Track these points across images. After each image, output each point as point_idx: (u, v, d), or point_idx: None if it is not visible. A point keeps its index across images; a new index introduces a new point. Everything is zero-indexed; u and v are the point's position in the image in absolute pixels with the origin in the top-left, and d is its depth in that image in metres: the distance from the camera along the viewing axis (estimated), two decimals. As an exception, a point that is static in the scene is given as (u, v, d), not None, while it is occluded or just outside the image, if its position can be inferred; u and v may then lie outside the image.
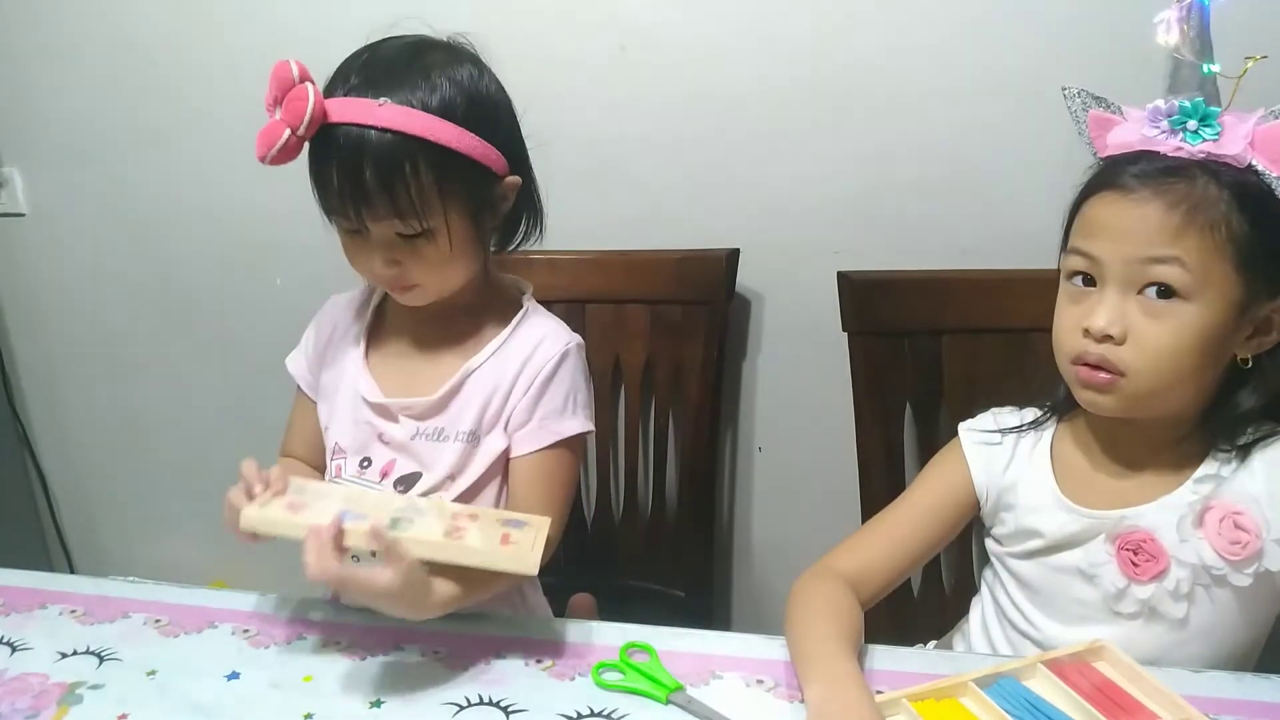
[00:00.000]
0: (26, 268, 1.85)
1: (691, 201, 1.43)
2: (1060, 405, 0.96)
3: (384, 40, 0.96)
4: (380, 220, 0.91)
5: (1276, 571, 0.83)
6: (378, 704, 0.86)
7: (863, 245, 1.37)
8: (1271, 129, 0.79)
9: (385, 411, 1.02)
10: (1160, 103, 0.81)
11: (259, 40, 1.56)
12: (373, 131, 0.88)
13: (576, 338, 1.05)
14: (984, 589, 1.03)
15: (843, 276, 1.30)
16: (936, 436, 1.31)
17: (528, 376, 1.00)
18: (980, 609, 1.02)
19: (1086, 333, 0.84)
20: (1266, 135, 0.79)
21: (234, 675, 0.91)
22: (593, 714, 0.84)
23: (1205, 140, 0.80)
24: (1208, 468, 0.87)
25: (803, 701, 0.82)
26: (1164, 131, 0.81)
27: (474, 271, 1.01)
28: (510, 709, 0.85)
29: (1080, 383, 0.86)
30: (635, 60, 1.40)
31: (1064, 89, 0.88)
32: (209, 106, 1.62)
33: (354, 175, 0.88)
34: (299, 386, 1.13)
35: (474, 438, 1.01)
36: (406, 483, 1.02)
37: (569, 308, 1.43)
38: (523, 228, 1.07)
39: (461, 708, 0.85)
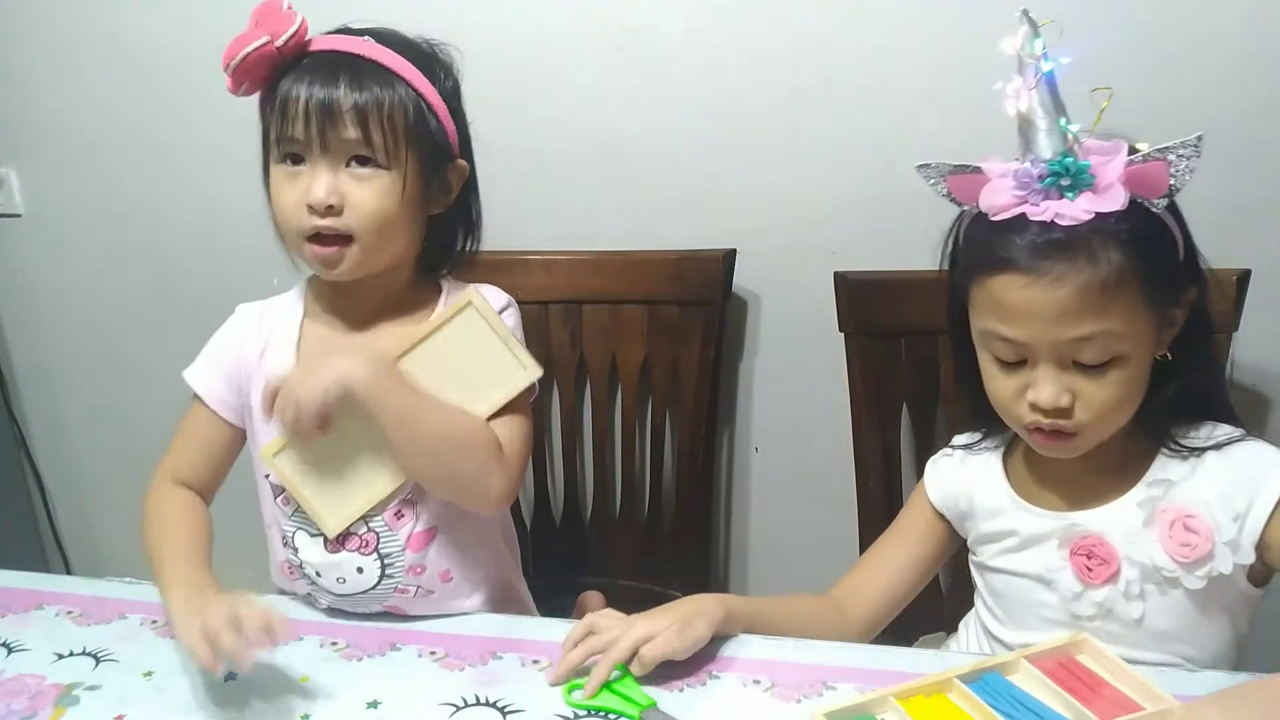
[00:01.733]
0: (22, 268, 1.85)
1: (688, 202, 1.43)
2: None
3: None
4: (342, 137, 0.89)
5: (1230, 575, 0.84)
6: (374, 705, 0.87)
7: (860, 245, 1.37)
8: (1140, 170, 0.79)
9: None
10: (1027, 165, 0.81)
11: (256, 41, 1.55)
12: (353, 54, 0.91)
13: (509, 298, 1.01)
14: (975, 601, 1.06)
15: (840, 277, 1.30)
16: (933, 437, 1.31)
17: None
18: (973, 620, 1.05)
19: (1034, 406, 0.84)
20: (1137, 176, 0.79)
21: (231, 676, 0.91)
22: (590, 714, 0.84)
23: (1082, 191, 0.80)
24: (1158, 471, 0.88)
25: (799, 701, 0.84)
26: (1037, 193, 0.81)
27: (404, 252, 0.97)
28: (507, 709, 0.85)
29: (1037, 444, 0.88)
30: (633, 61, 1.40)
31: (918, 166, 0.89)
32: (205, 107, 1.61)
33: (328, 87, 0.89)
34: (208, 406, 1.05)
35: None
36: None
37: (566, 308, 1.43)
38: (459, 243, 1.04)
39: (458, 708, 0.85)
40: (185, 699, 0.88)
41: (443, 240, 1.03)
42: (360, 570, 0.98)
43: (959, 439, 1.04)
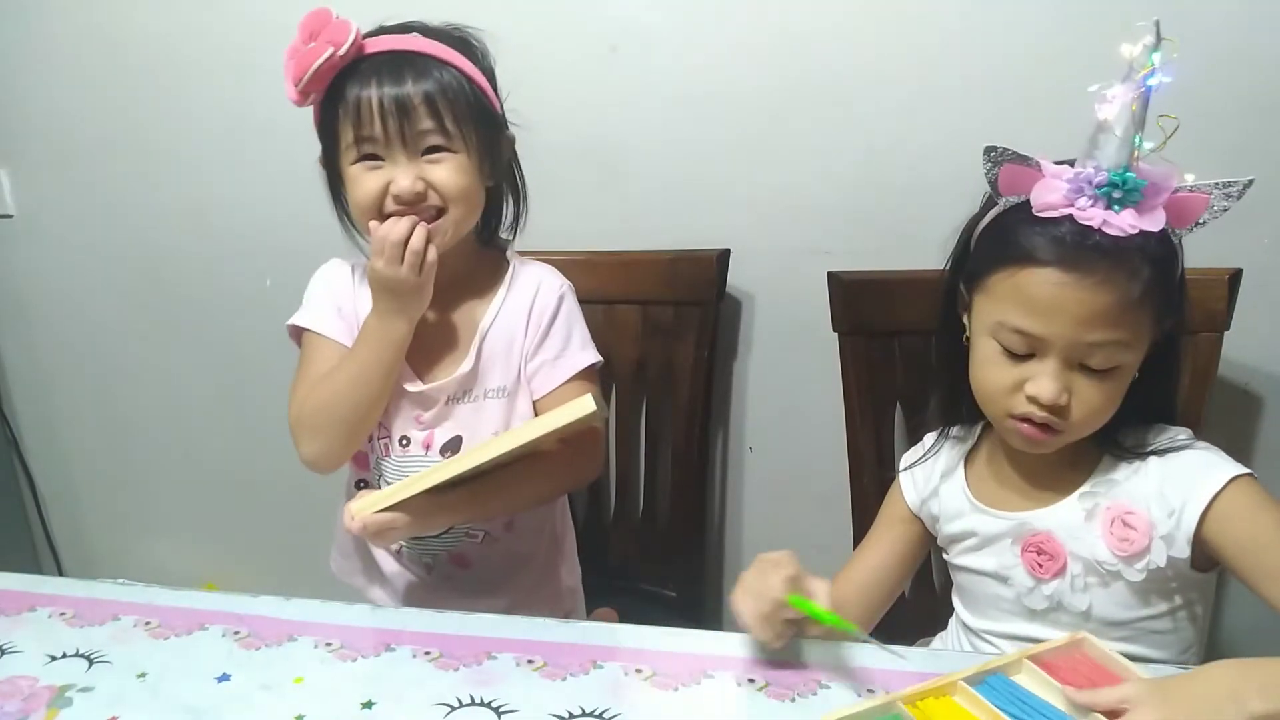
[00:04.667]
0: (14, 269, 1.84)
1: (682, 202, 1.44)
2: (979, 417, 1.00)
3: None
4: (418, 129, 0.97)
5: (1166, 567, 0.88)
6: (369, 705, 0.86)
7: (853, 245, 1.37)
8: (1182, 199, 0.83)
9: (424, 398, 1.07)
10: (1089, 170, 0.82)
11: (247, 41, 1.55)
12: (409, 51, 0.98)
13: (567, 281, 1.13)
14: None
15: (833, 276, 1.30)
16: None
17: (534, 323, 1.08)
18: (954, 615, 1.08)
19: (1031, 399, 0.87)
20: (1177, 204, 0.83)
21: (224, 677, 0.91)
22: (584, 714, 0.84)
23: (1128, 207, 0.82)
24: (1103, 472, 0.92)
25: (793, 700, 0.84)
26: (1088, 198, 0.82)
27: (477, 217, 1.06)
28: (502, 709, 0.85)
29: (1021, 436, 0.90)
30: (626, 61, 1.40)
31: (986, 148, 0.88)
32: (197, 108, 1.62)
33: (398, 85, 0.95)
34: (324, 336, 1.08)
35: (505, 394, 1.08)
36: (451, 447, 1.08)
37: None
38: (509, 209, 1.12)
39: (453, 708, 0.85)
40: (179, 700, 0.88)
41: (494, 211, 1.10)
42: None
43: (928, 440, 1.06)
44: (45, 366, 1.92)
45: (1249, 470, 0.87)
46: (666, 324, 1.41)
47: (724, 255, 1.39)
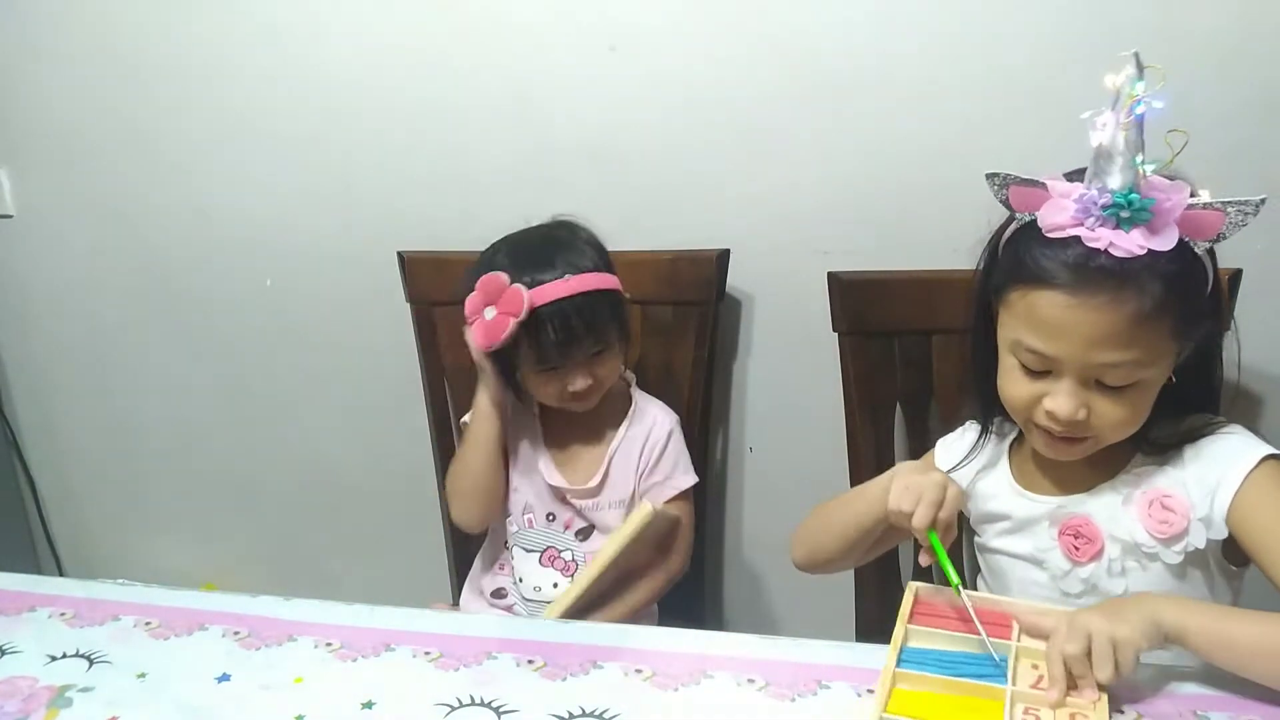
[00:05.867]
0: (14, 269, 1.84)
1: (682, 202, 1.43)
2: None
3: (524, 233, 1.27)
4: (587, 351, 1.21)
5: (1205, 550, 0.89)
6: (369, 705, 0.87)
7: (853, 245, 1.37)
8: (1196, 215, 0.82)
9: (562, 493, 1.30)
10: (1093, 192, 0.82)
11: (246, 41, 1.55)
12: (570, 300, 1.18)
13: (675, 416, 1.34)
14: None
15: (833, 277, 1.30)
16: (927, 436, 1.31)
17: (648, 454, 1.31)
18: None
19: (1050, 415, 0.88)
20: (1192, 220, 0.82)
21: (224, 677, 0.91)
22: (584, 714, 0.84)
23: (1137, 225, 0.81)
24: (1139, 461, 0.94)
25: (793, 700, 0.84)
26: (1097, 219, 0.82)
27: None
28: (502, 709, 0.85)
29: (1046, 445, 0.93)
30: (625, 61, 1.40)
31: (987, 175, 0.89)
32: (197, 108, 1.62)
33: (567, 330, 1.18)
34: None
35: (622, 504, 1.30)
36: (584, 533, 1.31)
37: (560, 308, 1.43)
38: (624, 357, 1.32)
39: (453, 708, 0.86)
40: (178, 700, 0.88)
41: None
42: (555, 585, 1.27)
43: (970, 436, 1.06)
44: (46, 367, 1.92)
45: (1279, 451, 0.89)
46: (666, 324, 1.41)
47: (724, 255, 1.39)
